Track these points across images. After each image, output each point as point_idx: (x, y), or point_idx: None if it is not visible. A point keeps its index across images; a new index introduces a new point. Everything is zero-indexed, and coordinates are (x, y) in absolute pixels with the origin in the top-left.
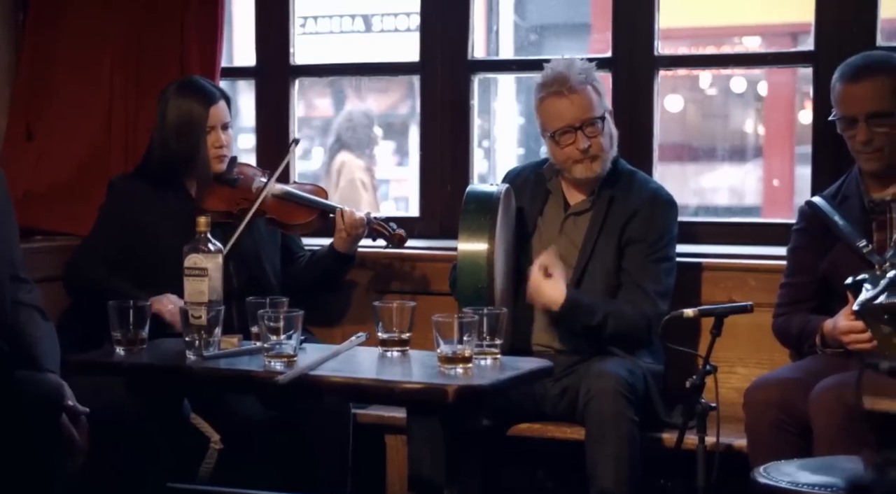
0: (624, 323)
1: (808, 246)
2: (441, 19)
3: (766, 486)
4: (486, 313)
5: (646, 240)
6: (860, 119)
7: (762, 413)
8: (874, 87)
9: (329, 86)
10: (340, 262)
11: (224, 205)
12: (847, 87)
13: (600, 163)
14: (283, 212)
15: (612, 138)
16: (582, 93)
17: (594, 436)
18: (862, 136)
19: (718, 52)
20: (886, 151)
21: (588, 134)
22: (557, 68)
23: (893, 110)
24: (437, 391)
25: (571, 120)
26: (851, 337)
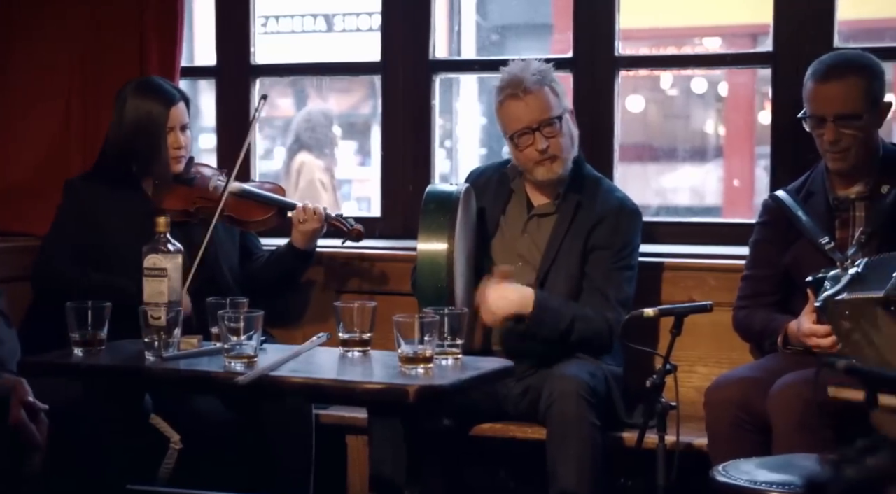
0: (589, 328)
1: (771, 239)
2: (402, 19)
3: (724, 484)
4: (447, 313)
5: (611, 248)
6: (828, 119)
7: (722, 412)
8: (844, 88)
9: (291, 85)
10: (300, 259)
11: (181, 203)
12: (817, 87)
13: (561, 164)
14: (240, 210)
15: (573, 138)
16: (537, 94)
17: (556, 438)
18: (829, 137)
19: (679, 52)
20: (853, 152)
21: (546, 134)
22: (512, 71)
23: (862, 112)
24: (398, 391)
25: (528, 121)
26: (814, 340)
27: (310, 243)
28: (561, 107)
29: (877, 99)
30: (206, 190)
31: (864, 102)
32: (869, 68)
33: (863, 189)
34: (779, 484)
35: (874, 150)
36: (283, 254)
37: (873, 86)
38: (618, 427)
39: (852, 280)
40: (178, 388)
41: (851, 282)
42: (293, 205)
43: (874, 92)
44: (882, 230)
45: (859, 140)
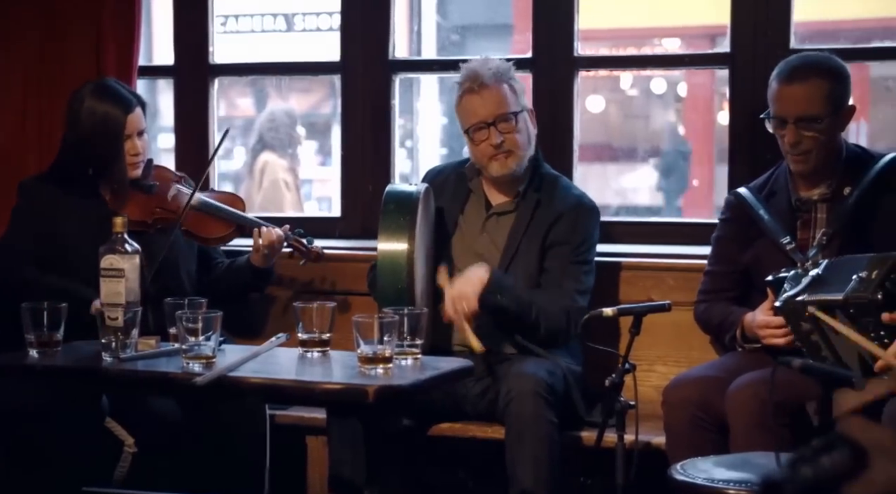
0: (545, 314)
1: (732, 236)
2: (362, 19)
3: (682, 483)
4: (406, 313)
5: (569, 244)
6: (790, 120)
7: (680, 411)
8: (807, 90)
9: (251, 85)
10: (258, 277)
11: (140, 213)
12: (781, 88)
13: (515, 160)
14: (200, 226)
15: (530, 137)
16: (494, 89)
17: (514, 437)
18: (790, 138)
19: (638, 53)
20: (814, 154)
21: (501, 129)
22: (471, 66)
23: (823, 115)
24: (357, 391)
25: (484, 115)
26: (767, 332)
27: (268, 262)
28: (519, 105)
29: (840, 102)
30: (164, 199)
31: (827, 105)
32: (833, 71)
33: (825, 190)
34: (736, 483)
35: (836, 153)
36: (242, 270)
37: (837, 90)
38: (577, 426)
39: (813, 281)
40: (135, 389)
41: (812, 284)
42: (254, 223)
43: (837, 95)
44: (843, 232)
45: (820, 142)
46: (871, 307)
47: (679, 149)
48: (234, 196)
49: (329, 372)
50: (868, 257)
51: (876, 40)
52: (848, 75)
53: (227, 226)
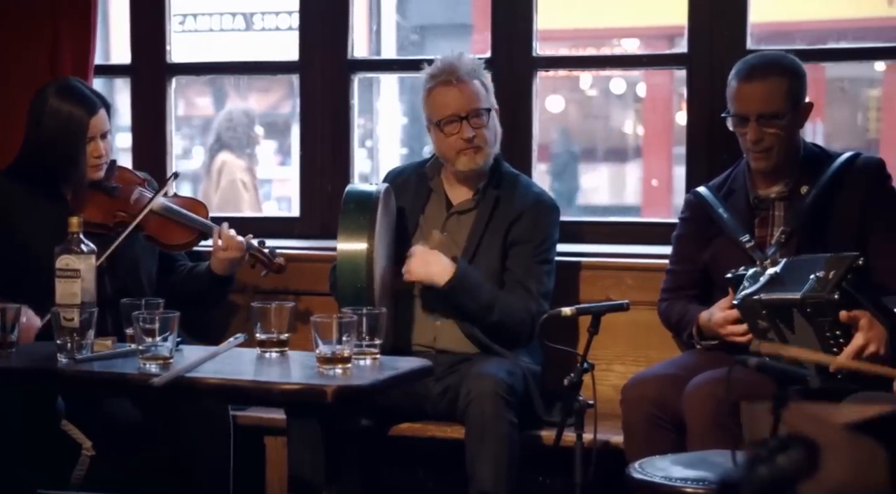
0: (508, 315)
1: (692, 235)
2: (320, 18)
3: (640, 481)
4: (365, 313)
5: (531, 242)
6: (751, 118)
7: (638, 410)
8: (767, 88)
9: (210, 84)
10: (217, 284)
11: (101, 216)
12: (741, 86)
13: (483, 156)
14: (161, 232)
15: (496, 135)
16: (469, 83)
17: (474, 438)
18: (752, 136)
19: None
20: (775, 151)
21: (473, 124)
22: (447, 59)
23: (784, 111)
24: (316, 391)
25: (458, 109)
26: (728, 328)
27: (229, 270)
28: (489, 102)
29: (798, 99)
30: (126, 202)
31: (787, 102)
32: (791, 69)
33: (783, 189)
34: (693, 481)
35: (795, 150)
36: (202, 276)
37: (795, 87)
38: (536, 426)
39: (771, 280)
40: (91, 390)
41: (770, 282)
42: (213, 230)
43: (796, 92)
44: (801, 230)
45: (781, 139)
46: (828, 307)
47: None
48: (198, 202)
49: (287, 372)
50: (825, 257)
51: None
52: (804, 73)
53: (190, 233)
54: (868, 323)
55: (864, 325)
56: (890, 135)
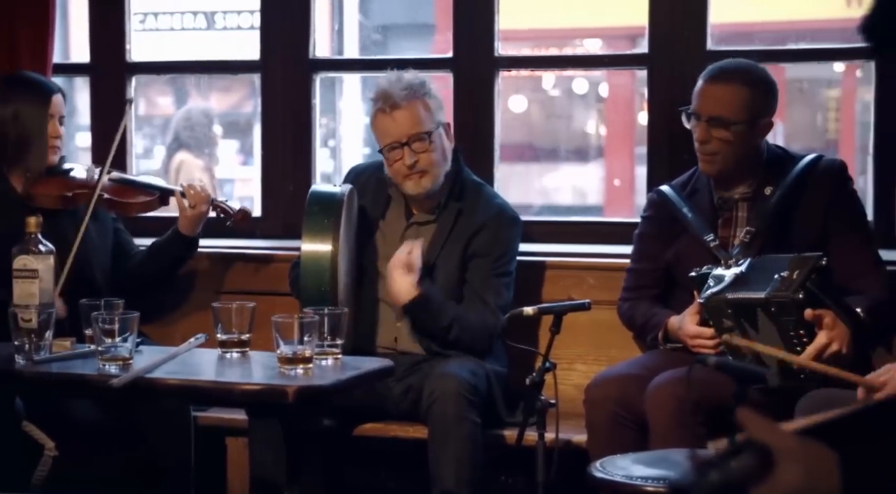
0: (468, 332)
1: (655, 233)
2: (282, 18)
3: (602, 480)
4: (326, 313)
5: (490, 255)
6: (702, 118)
7: (601, 409)
8: (725, 93)
9: (170, 84)
10: (186, 246)
11: (57, 191)
12: (703, 85)
13: (430, 179)
14: (121, 194)
15: (445, 153)
16: (407, 108)
17: (437, 438)
18: (699, 135)
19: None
20: (720, 158)
21: (415, 149)
22: (382, 85)
23: (736, 121)
24: (277, 392)
25: (397, 136)
26: (698, 342)
27: (197, 228)
28: (433, 122)
29: (757, 113)
30: (83, 183)
31: (741, 112)
32: (758, 81)
33: (746, 190)
34: (653, 479)
35: (754, 157)
36: (169, 243)
37: (757, 100)
38: (499, 425)
39: (736, 279)
40: (50, 392)
41: (735, 282)
42: (175, 191)
43: (756, 105)
44: (765, 231)
45: (729, 147)
46: (793, 306)
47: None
48: (154, 177)
49: (249, 372)
50: (789, 257)
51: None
52: (772, 89)
53: (150, 194)
54: (831, 323)
55: (828, 324)
56: (848, 136)
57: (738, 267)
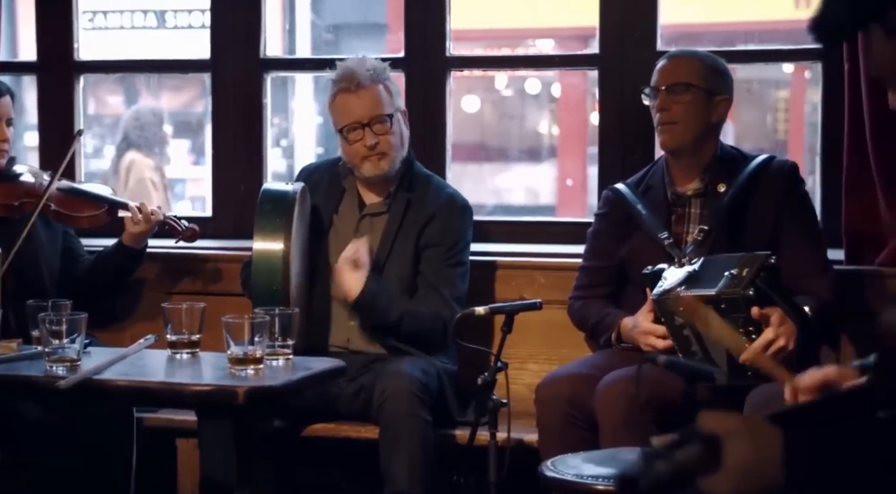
0: (419, 324)
1: (609, 230)
2: (232, 16)
3: (552, 479)
4: (277, 313)
5: (443, 245)
6: (661, 88)
7: (552, 408)
8: (681, 63)
9: (120, 83)
10: (131, 259)
11: (4, 198)
12: (661, 63)
13: (388, 161)
14: (69, 205)
15: (403, 138)
16: (370, 89)
17: (388, 437)
18: (659, 104)
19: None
20: (680, 127)
21: (376, 131)
22: (348, 65)
23: (692, 84)
24: (228, 392)
25: (359, 116)
26: (650, 339)
27: (141, 242)
28: (393, 106)
29: (712, 86)
30: (31, 186)
31: (697, 79)
32: (712, 60)
33: (699, 186)
34: (604, 478)
35: (709, 144)
36: (114, 254)
37: (712, 74)
38: (450, 425)
39: (688, 277)
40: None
41: (687, 279)
42: (124, 204)
43: (711, 78)
44: (718, 230)
45: (688, 115)
46: (742, 303)
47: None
48: (102, 186)
49: (199, 373)
50: (739, 256)
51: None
52: (726, 73)
53: (98, 206)
54: (778, 319)
55: (775, 321)
56: (797, 137)
57: (690, 265)
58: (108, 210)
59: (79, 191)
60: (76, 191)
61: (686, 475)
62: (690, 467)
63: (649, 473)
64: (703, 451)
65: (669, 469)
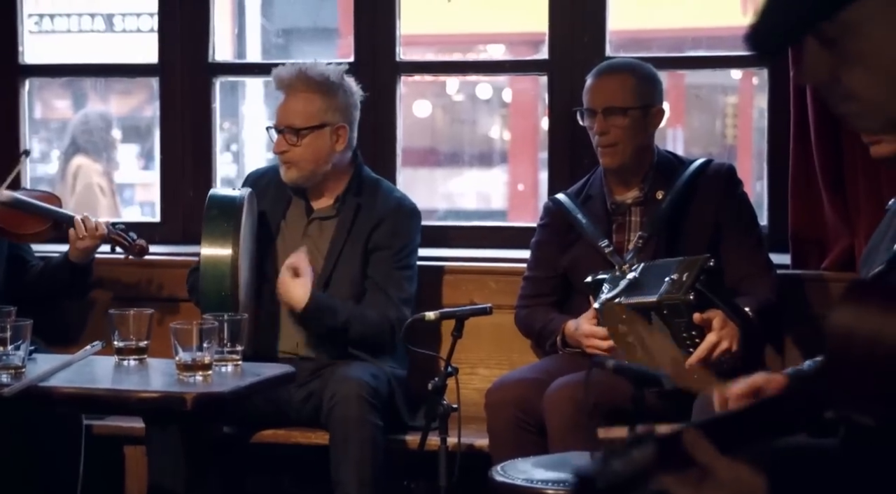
0: (368, 328)
1: (551, 241)
2: (180, 21)
3: (503, 484)
4: (226, 319)
5: (391, 248)
6: (598, 111)
7: (502, 413)
8: (614, 83)
9: (68, 87)
10: (77, 274)
11: None
12: (592, 82)
13: (295, 172)
14: (12, 222)
15: (322, 153)
16: (301, 96)
17: (338, 441)
18: (598, 128)
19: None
20: (620, 148)
21: (287, 140)
22: (297, 66)
23: (630, 107)
24: (176, 399)
25: (278, 120)
26: (592, 341)
27: (86, 258)
28: (322, 119)
29: (648, 102)
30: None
31: (633, 99)
32: (642, 71)
33: (638, 194)
34: (553, 482)
35: (647, 155)
36: (59, 268)
37: (644, 88)
38: (401, 430)
39: (630, 284)
40: None
41: (629, 287)
42: (70, 218)
43: (645, 93)
44: (658, 235)
45: (627, 136)
46: (683, 308)
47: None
48: (50, 194)
49: (146, 380)
50: (678, 260)
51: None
52: (657, 80)
53: (43, 222)
54: (720, 323)
55: (717, 325)
56: (746, 142)
57: (632, 271)
58: (53, 225)
59: (23, 204)
60: (20, 203)
61: (643, 474)
62: (646, 466)
63: (606, 472)
64: (659, 451)
65: (626, 469)
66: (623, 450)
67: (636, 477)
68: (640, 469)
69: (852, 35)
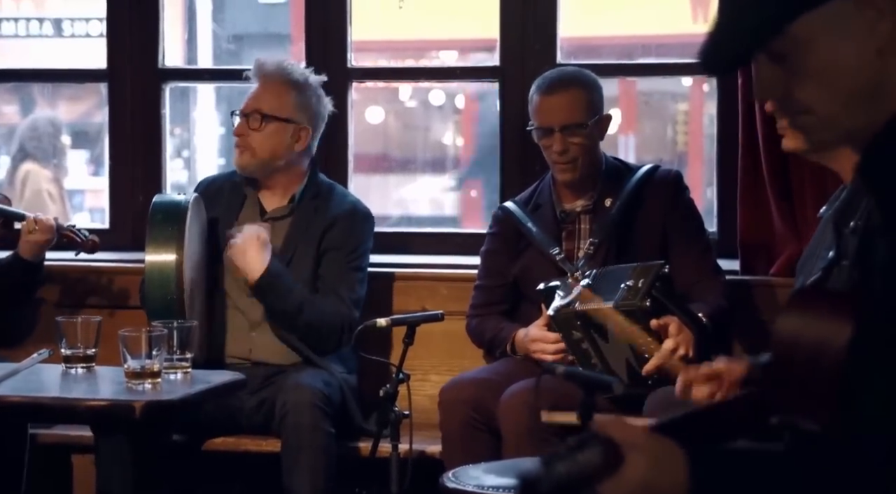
0: (320, 316)
1: (501, 250)
2: (129, 26)
3: (454, 490)
4: (176, 326)
5: (343, 249)
6: (556, 129)
7: (455, 412)
8: (568, 100)
9: (15, 92)
10: (28, 272)
11: None
12: (543, 99)
13: (247, 157)
14: None
15: (274, 145)
16: (268, 84)
17: (290, 449)
18: (558, 147)
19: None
20: (580, 162)
21: (251, 124)
22: (275, 59)
23: (586, 121)
24: (124, 407)
25: (244, 104)
26: (538, 346)
27: (38, 254)
28: (284, 113)
29: (598, 111)
30: None
31: (588, 113)
32: (589, 82)
33: (587, 202)
34: (505, 488)
35: (598, 163)
36: (10, 266)
37: (594, 98)
38: (353, 437)
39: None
40: None
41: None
42: (21, 216)
43: (595, 103)
44: (608, 242)
45: (585, 150)
46: (640, 314)
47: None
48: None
49: (94, 388)
50: (632, 267)
51: (638, 56)
52: (600, 86)
53: None
54: (676, 329)
55: (673, 330)
56: (696, 148)
57: (585, 278)
58: (2, 224)
59: None
60: None
61: (586, 478)
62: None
63: (550, 475)
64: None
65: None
66: (567, 453)
67: (580, 480)
68: (585, 472)
69: (802, 49)
